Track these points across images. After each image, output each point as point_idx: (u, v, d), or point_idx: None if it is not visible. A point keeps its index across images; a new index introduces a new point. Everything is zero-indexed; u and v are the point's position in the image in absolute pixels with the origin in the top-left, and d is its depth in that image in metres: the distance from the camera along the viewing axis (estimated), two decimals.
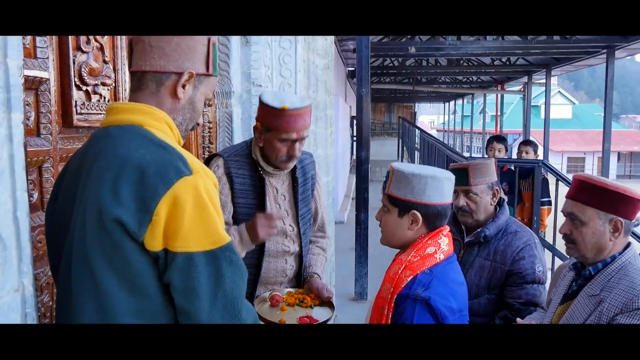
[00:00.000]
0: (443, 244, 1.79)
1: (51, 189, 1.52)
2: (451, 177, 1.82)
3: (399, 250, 1.87)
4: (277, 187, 2.27)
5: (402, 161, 17.24)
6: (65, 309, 1.24)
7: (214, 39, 1.41)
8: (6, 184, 0.96)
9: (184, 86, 1.35)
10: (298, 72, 3.19)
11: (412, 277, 1.70)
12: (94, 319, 1.20)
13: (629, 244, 1.83)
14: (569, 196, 1.87)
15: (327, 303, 2.22)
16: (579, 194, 1.82)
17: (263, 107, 2.13)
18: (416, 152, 14.89)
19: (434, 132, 32.31)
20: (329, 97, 4.20)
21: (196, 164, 1.24)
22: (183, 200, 1.15)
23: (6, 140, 0.96)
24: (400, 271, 1.73)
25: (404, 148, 18.13)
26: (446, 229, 1.83)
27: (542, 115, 13.93)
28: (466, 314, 1.79)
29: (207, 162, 2.24)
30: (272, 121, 2.10)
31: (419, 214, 1.76)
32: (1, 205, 0.95)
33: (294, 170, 2.30)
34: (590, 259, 1.82)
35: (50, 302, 1.57)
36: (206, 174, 1.25)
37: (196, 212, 1.17)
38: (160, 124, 1.32)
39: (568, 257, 2.00)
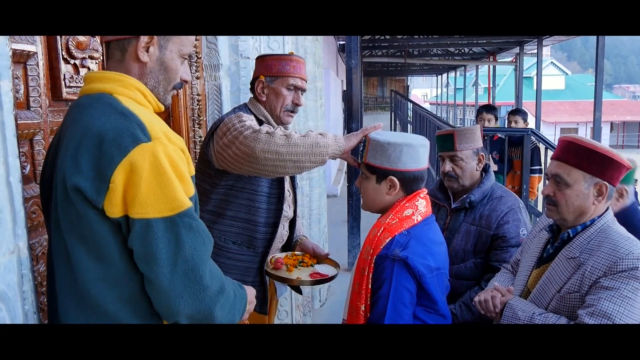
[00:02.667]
0: (420, 206, 1.84)
1: (42, 160, 1.56)
2: (425, 143, 1.86)
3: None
4: None
5: None
6: (50, 277, 1.30)
7: None
8: None
9: (147, 49, 1.35)
10: (286, 44, 3.21)
11: (390, 238, 1.76)
12: (68, 285, 1.24)
13: (607, 208, 1.80)
14: (555, 157, 1.82)
15: (325, 260, 2.36)
16: (566, 155, 1.77)
17: (269, 58, 2.27)
18: (409, 125, 14.89)
19: (427, 106, 32.24)
20: (318, 70, 4.21)
21: (156, 131, 1.23)
22: (140, 167, 1.16)
23: None
24: (379, 233, 1.79)
25: (397, 121, 18.12)
26: (424, 192, 1.88)
27: (535, 87, 13.91)
28: (445, 272, 1.86)
29: (216, 124, 2.20)
30: (281, 67, 2.23)
31: (396, 180, 1.82)
32: None
33: None
34: (570, 222, 1.80)
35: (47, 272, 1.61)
36: (169, 139, 1.25)
37: (153, 178, 1.18)
38: (131, 91, 1.32)
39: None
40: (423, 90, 53.46)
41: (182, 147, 1.30)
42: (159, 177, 1.18)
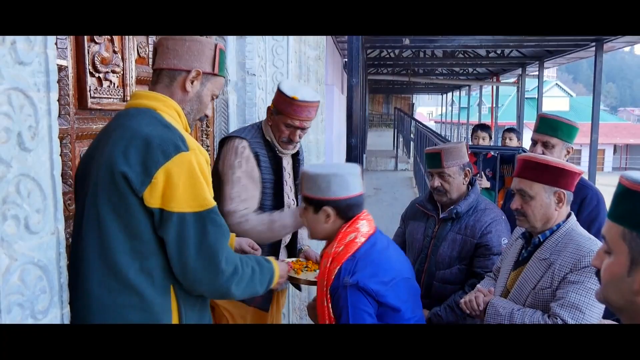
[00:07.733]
0: (362, 228, 1.95)
1: (69, 162, 1.83)
2: (355, 172, 1.98)
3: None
4: (285, 166, 2.59)
5: (396, 151, 17.42)
6: (76, 246, 1.52)
7: (222, 45, 1.71)
8: (46, 148, 1.21)
9: (192, 82, 1.64)
10: (290, 62, 3.41)
11: (338, 267, 1.87)
12: (96, 253, 1.46)
13: (570, 214, 2.01)
14: (516, 175, 2.02)
15: None
16: (526, 172, 1.98)
17: (279, 92, 2.47)
18: (411, 142, 15.10)
19: (432, 124, 32.42)
20: (320, 86, 4.43)
21: (193, 143, 1.53)
22: (179, 172, 1.45)
23: (46, 114, 1.21)
24: (328, 264, 1.90)
25: (400, 138, 18.30)
26: (364, 214, 1.99)
27: (537, 108, 14.17)
28: (406, 275, 1.99)
29: (222, 143, 2.52)
30: (283, 106, 2.44)
31: (329, 209, 1.93)
32: (42, 164, 1.20)
33: (297, 152, 2.66)
34: (539, 229, 2.00)
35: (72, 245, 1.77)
36: (200, 151, 1.55)
37: (188, 181, 1.46)
38: (170, 110, 1.62)
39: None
40: (429, 109, 53.65)
41: (207, 158, 1.60)
42: (193, 180, 1.48)
